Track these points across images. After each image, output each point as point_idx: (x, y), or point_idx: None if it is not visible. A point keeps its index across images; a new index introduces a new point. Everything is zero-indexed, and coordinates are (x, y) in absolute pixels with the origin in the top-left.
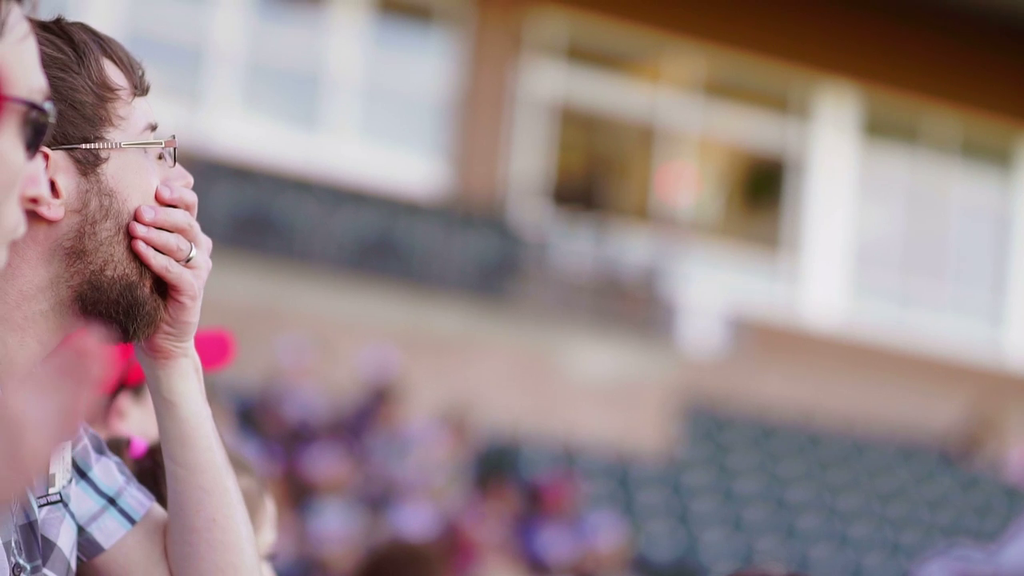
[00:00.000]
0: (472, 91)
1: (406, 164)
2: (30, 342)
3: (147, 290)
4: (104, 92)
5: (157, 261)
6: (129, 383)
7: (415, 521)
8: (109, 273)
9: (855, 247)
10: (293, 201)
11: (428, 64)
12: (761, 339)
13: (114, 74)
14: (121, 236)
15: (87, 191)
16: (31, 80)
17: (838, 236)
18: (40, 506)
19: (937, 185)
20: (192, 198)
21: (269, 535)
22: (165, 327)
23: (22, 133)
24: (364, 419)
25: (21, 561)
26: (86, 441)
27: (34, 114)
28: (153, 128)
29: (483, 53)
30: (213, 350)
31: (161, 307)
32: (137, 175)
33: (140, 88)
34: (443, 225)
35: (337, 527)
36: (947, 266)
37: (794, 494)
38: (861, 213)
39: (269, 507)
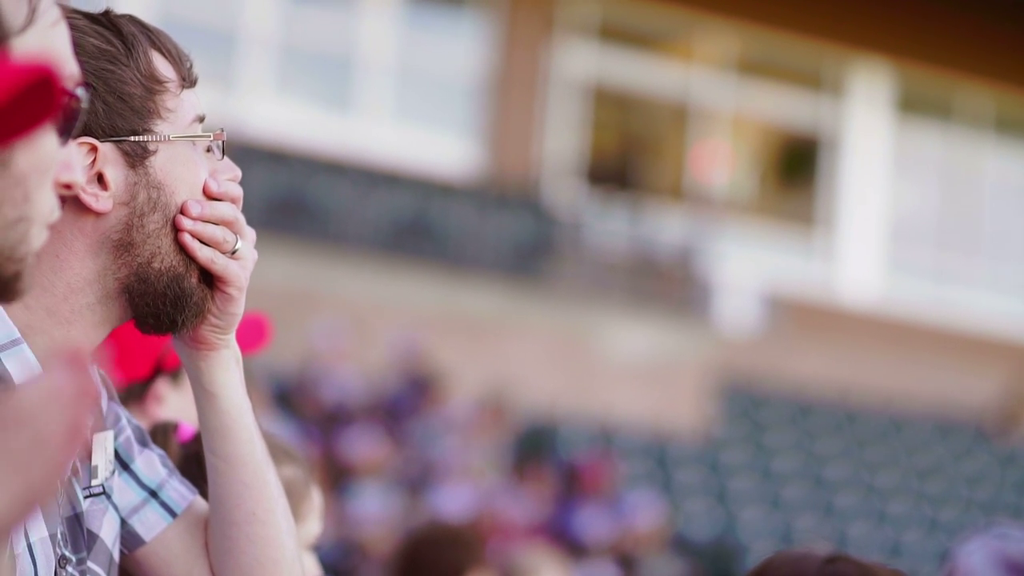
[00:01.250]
0: (505, 72)
1: (440, 145)
2: (75, 335)
3: (194, 281)
4: (152, 84)
5: (203, 254)
6: (166, 368)
7: (453, 503)
8: (156, 265)
9: (890, 224)
10: (327, 184)
11: (461, 45)
12: (797, 317)
13: (163, 66)
14: (168, 228)
15: (135, 183)
16: (61, 66)
17: (873, 213)
18: (84, 498)
19: (971, 161)
20: (238, 191)
21: (315, 526)
22: (211, 318)
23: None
24: (402, 401)
25: (67, 553)
26: (129, 432)
27: (67, 101)
28: (201, 120)
29: (516, 33)
30: (250, 333)
31: (208, 298)
32: (185, 167)
33: (188, 80)
34: (477, 206)
35: (375, 509)
36: (982, 242)
37: (832, 472)
38: (895, 190)
39: (315, 497)
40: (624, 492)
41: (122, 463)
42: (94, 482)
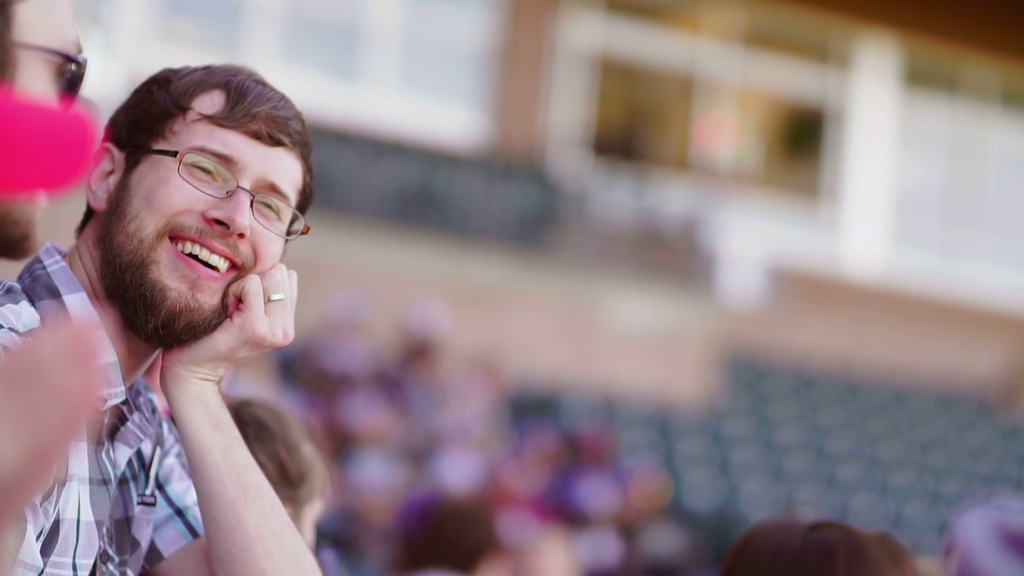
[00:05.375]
0: (511, 42)
1: (445, 115)
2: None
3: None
4: (176, 110)
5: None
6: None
7: (456, 472)
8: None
9: (895, 197)
10: (333, 153)
11: (467, 15)
12: (801, 289)
13: (208, 102)
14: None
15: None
16: (64, 33)
17: (878, 186)
18: (138, 504)
19: (977, 135)
20: None
21: (318, 505)
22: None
23: (57, 84)
24: (405, 370)
25: (110, 551)
26: (174, 460)
27: (69, 66)
28: (211, 154)
29: (522, 4)
30: None
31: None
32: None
33: (229, 120)
34: (483, 176)
35: (378, 478)
36: (987, 215)
37: (834, 444)
38: (901, 163)
39: (322, 472)
40: (626, 462)
41: (158, 484)
42: (147, 491)
